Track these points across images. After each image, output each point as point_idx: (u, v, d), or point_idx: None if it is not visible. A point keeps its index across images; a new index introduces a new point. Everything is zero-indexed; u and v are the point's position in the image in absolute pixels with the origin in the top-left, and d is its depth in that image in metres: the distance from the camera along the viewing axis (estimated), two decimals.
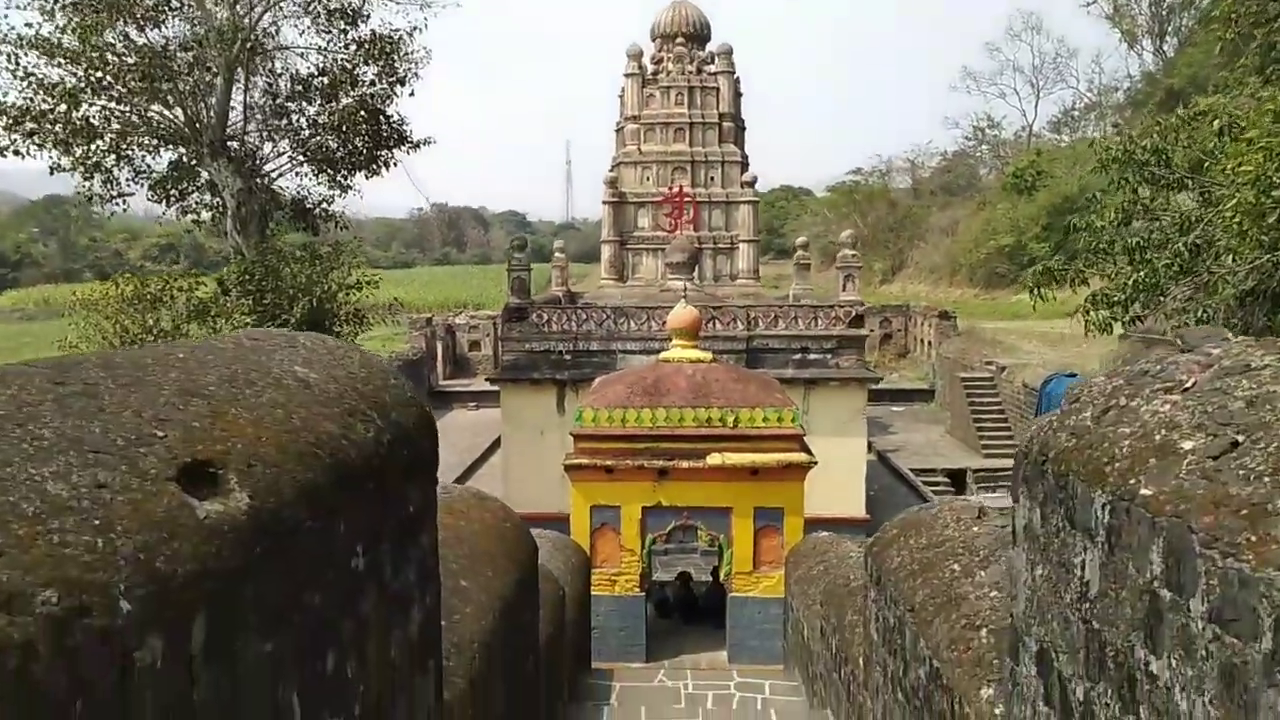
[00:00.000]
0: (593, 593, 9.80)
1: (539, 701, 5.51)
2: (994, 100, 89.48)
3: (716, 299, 16.95)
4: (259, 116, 13.90)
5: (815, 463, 9.87)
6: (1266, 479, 1.54)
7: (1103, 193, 9.62)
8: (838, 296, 16.34)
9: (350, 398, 2.61)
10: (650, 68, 20.71)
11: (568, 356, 15.82)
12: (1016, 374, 22.22)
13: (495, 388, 17.60)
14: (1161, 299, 8.35)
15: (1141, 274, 8.01)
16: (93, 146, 12.63)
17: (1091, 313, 9.01)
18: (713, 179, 20.13)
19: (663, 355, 11.03)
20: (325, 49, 13.36)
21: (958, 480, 20.88)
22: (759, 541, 10.05)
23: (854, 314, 15.78)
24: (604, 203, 20.09)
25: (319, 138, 13.86)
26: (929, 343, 29.62)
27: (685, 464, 9.89)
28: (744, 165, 20.41)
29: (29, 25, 11.66)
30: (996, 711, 3.36)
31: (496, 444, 19.88)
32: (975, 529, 4.67)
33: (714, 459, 9.90)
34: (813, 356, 15.66)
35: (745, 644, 10.09)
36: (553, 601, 6.64)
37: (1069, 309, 36.79)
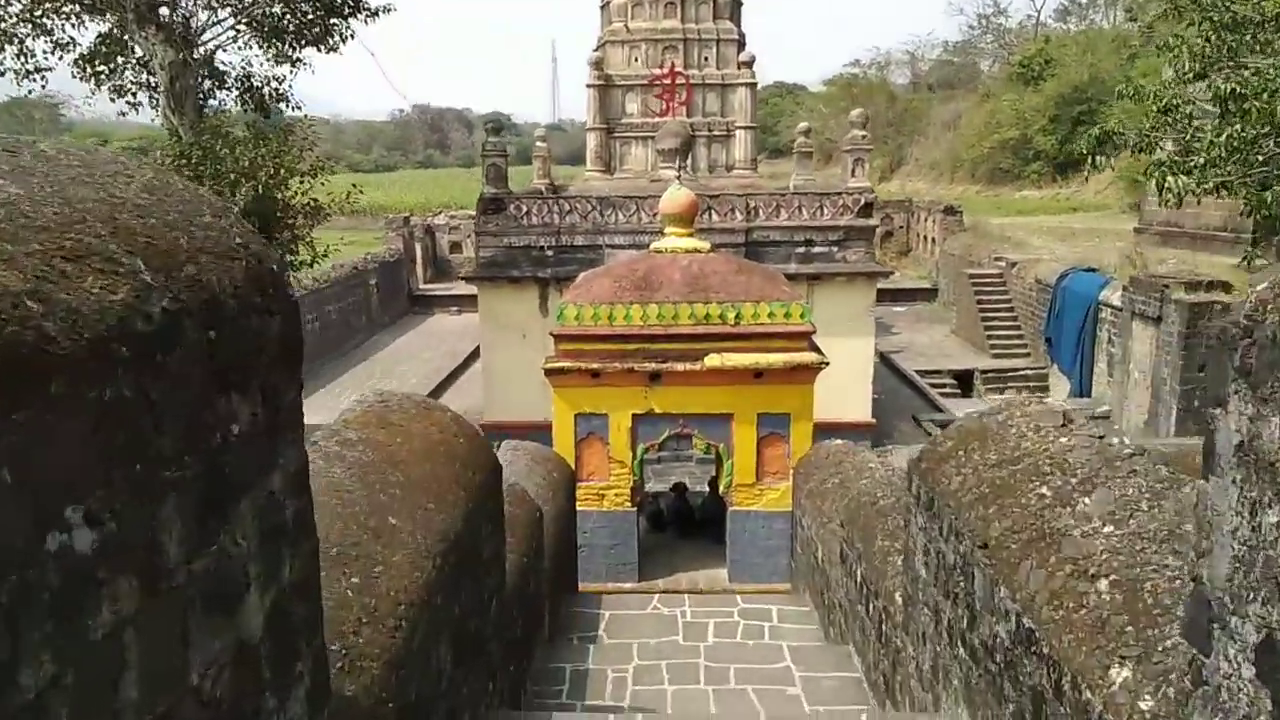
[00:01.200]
0: (579, 508, 8.84)
1: (506, 651, 4.53)
2: None
3: (712, 189, 15.59)
4: None
5: (826, 363, 8.80)
6: None
7: (1176, 37, 8.23)
8: (845, 184, 15.00)
9: (85, 232, 1.43)
10: None
11: (550, 252, 14.57)
12: (1028, 270, 21.07)
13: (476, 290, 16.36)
14: (1258, 158, 7.08)
15: (1236, 127, 6.72)
16: (3, 13, 11.03)
17: (1170, 180, 7.73)
18: (707, 59, 18.42)
19: (654, 246, 9.82)
20: None
21: (964, 382, 19.99)
22: (762, 451, 9.07)
23: (863, 202, 14.49)
24: (588, 86, 18.41)
25: (263, 4, 12.21)
26: (933, 240, 28.34)
27: (680, 367, 8.81)
28: (741, 44, 18.67)
29: None
30: (1144, 706, 2.33)
31: (479, 351, 18.78)
32: (1063, 440, 3.59)
33: (712, 360, 8.81)
34: (818, 250, 14.44)
35: (747, 561, 9.22)
36: (527, 525, 5.63)
37: (1076, 204, 35.21)
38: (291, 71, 13.00)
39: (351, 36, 13.05)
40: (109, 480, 1.29)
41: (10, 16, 11.17)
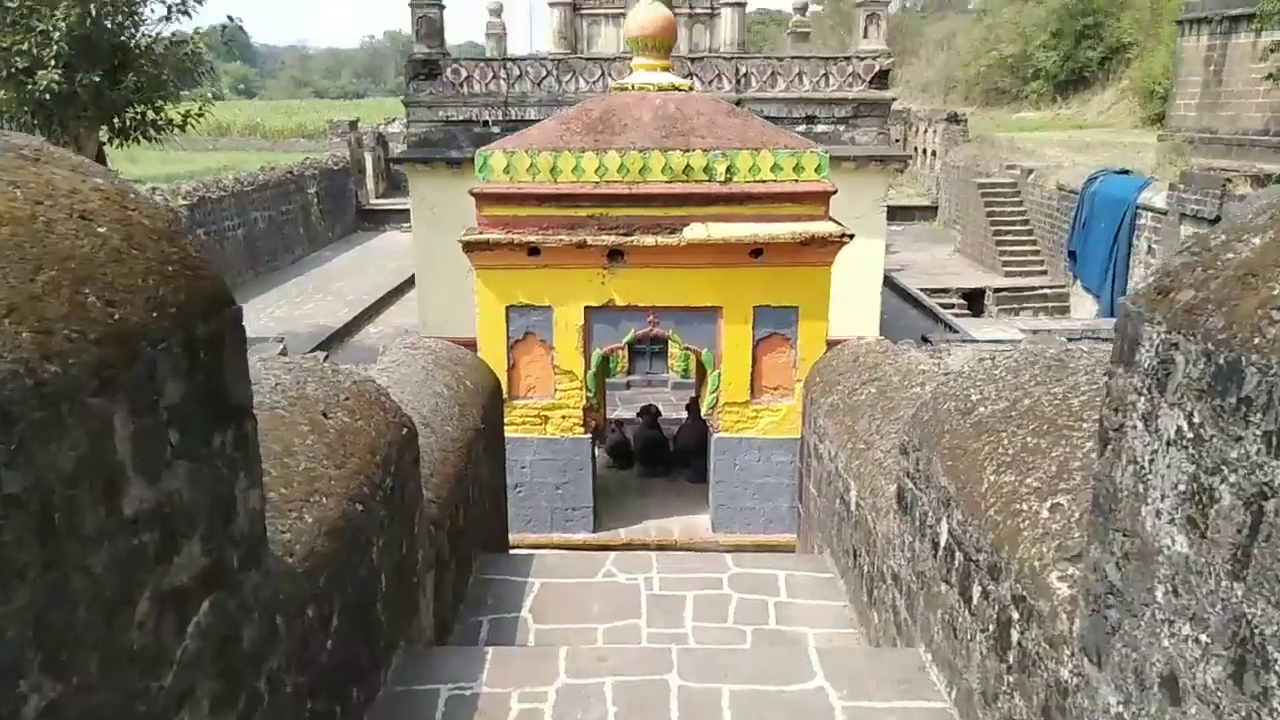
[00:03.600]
0: (512, 434, 6.51)
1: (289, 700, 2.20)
2: None
3: (696, 53, 12.98)
4: None
5: (851, 236, 6.44)
6: None
7: None
8: (856, 46, 12.47)
9: None
10: None
11: (495, 128, 12.01)
12: (1047, 177, 18.71)
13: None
14: None
15: None
16: None
17: None
18: None
19: (614, 84, 7.33)
20: None
21: (974, 302, 17.79)
22: (760, 357, 6.76)
23: (876, 69, 11.99)
24: None
25: None
26: (932, 153, 25.85)
27: (650, 240, 6.42)
28: None
29: None
30: None
31: None
32: None
33: (695, 232, 6.43)
34: (821, 128, 11.99)
35: (737, 506, 6.98)
36: (379, 450, 3.27)
37: (1079, 123, 32.71)
38: None
39: None
40: None
41: None
